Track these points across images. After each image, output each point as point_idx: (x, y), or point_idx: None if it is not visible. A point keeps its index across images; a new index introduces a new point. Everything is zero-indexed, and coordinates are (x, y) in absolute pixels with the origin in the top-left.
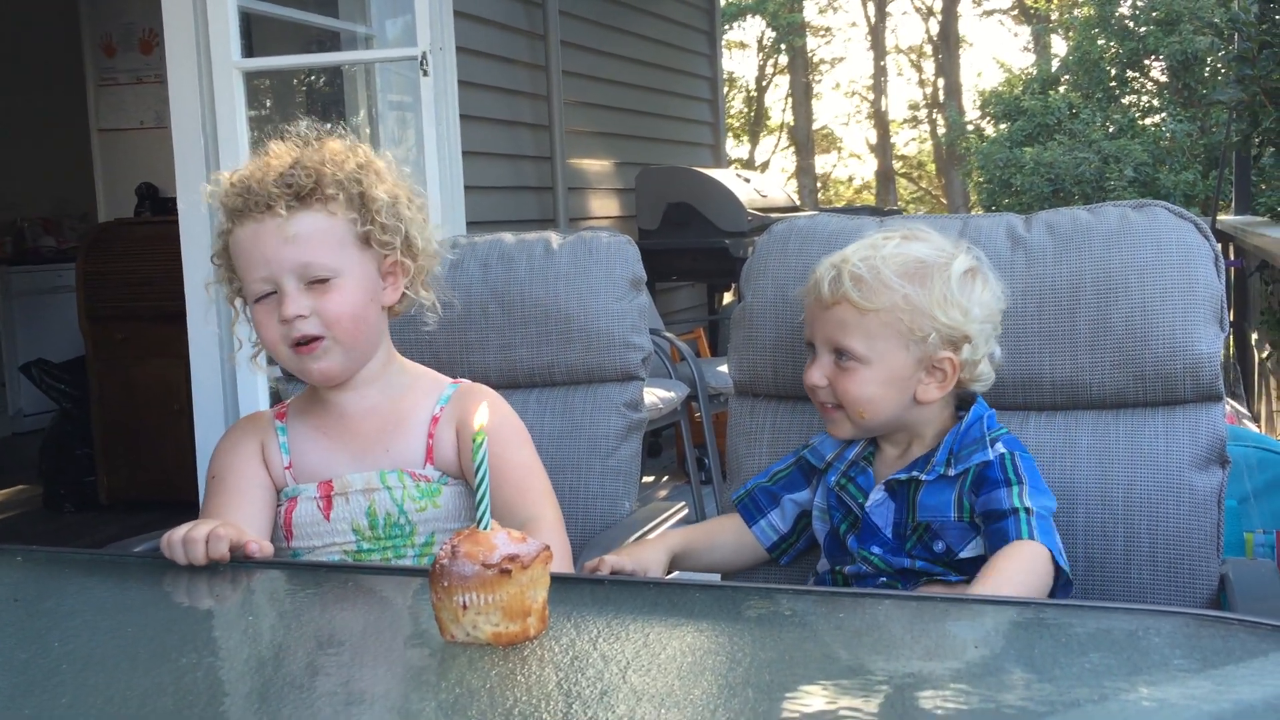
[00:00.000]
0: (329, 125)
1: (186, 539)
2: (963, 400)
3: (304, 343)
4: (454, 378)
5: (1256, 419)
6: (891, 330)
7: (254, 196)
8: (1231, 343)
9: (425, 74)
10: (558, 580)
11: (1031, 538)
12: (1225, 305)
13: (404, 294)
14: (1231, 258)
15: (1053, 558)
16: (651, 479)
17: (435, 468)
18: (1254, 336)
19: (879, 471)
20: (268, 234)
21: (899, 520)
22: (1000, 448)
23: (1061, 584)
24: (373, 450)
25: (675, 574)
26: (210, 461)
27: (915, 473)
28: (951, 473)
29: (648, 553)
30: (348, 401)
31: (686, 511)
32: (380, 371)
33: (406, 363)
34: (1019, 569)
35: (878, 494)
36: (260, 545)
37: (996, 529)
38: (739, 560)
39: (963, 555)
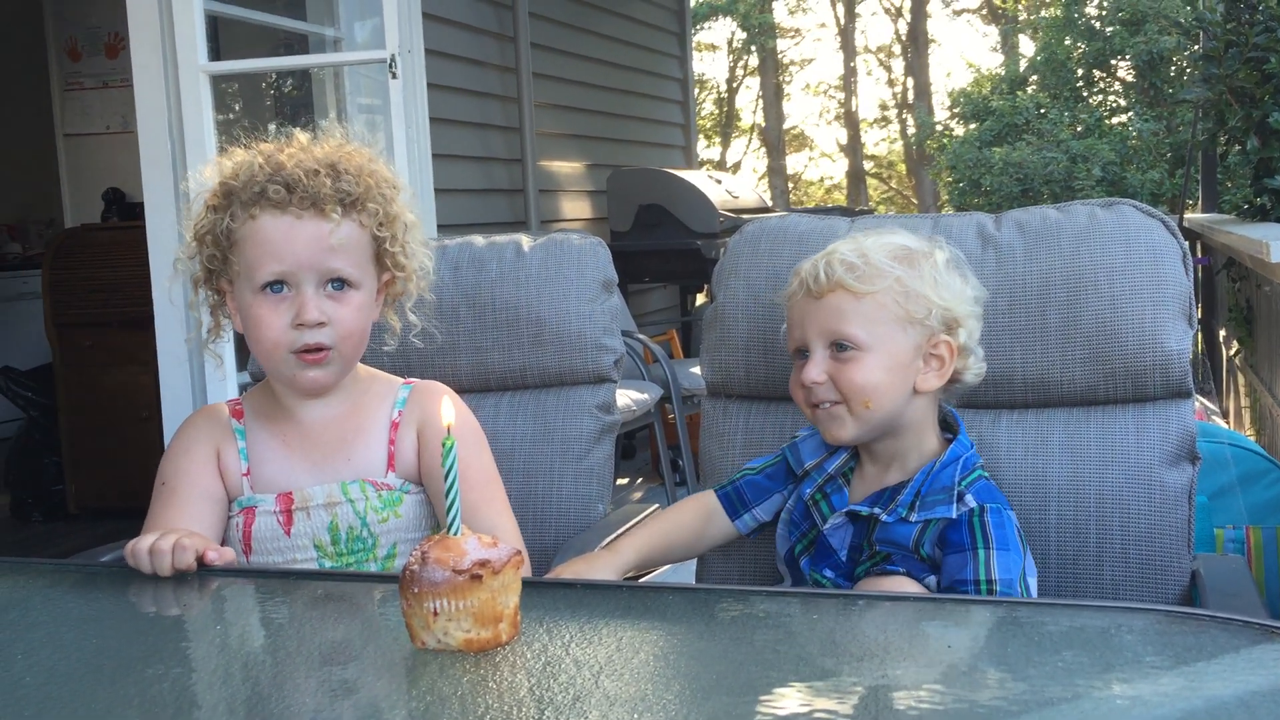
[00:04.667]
0: (311, 126)
1: (153, 550)
2: (948, 424)
3: (311, 350)
4: (406, 379)
5: (1225, 415)
6: (889, 314)
7: (301, 191)
8: (1200, 340)
9: (394, 76)
10: (529, 585)
11: None
12: (1193, 302)
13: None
14: (1199, 255)
15: None
16: (626, 481)
17: (397, 475)
18: (1222, 333)
19: (856, 489)
20: (306, 233)
21: (855, 544)
22: (970, 502)
23: None
24: (334, 460)
25: (648, 576)
26: (162, 463)
27: (877, 510)
28: (913, 519)
29: (596, 574)
30: (310, 410)
31: None
32: (345, 382)
33: (359, 365)
34: None
35: (837, 518)
36: (220, 553)
37: None
38: (696, 553)
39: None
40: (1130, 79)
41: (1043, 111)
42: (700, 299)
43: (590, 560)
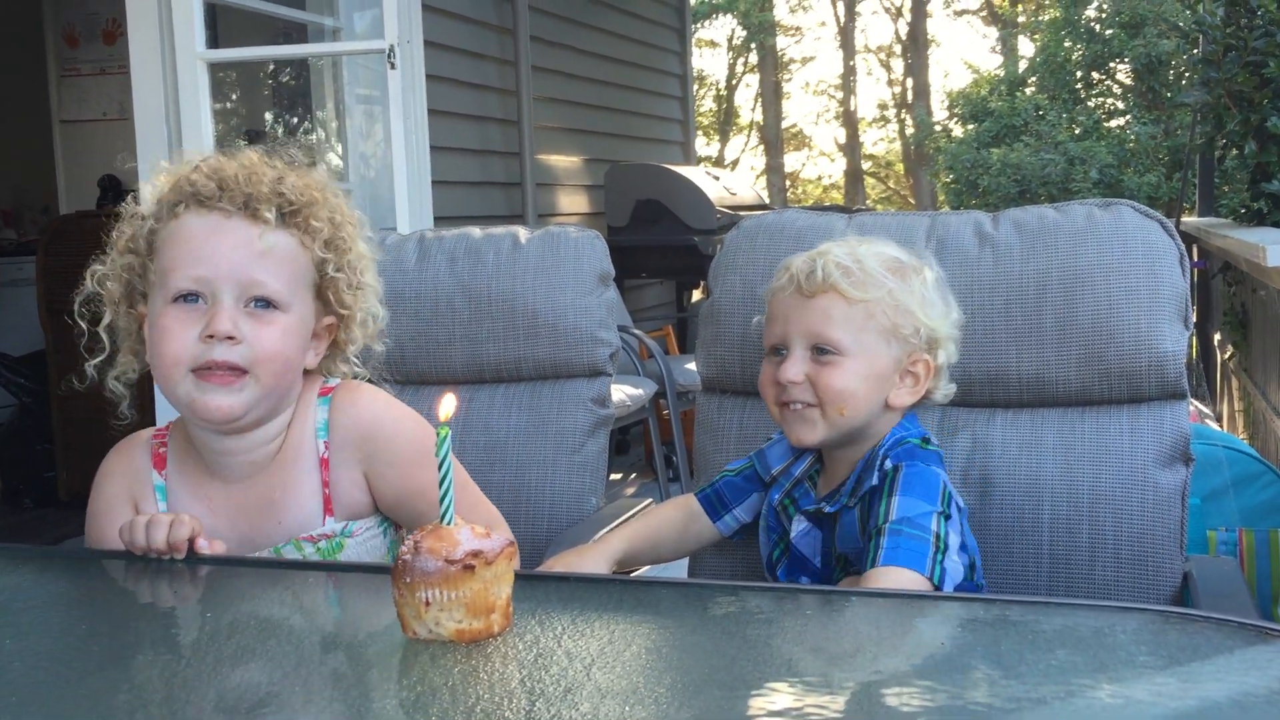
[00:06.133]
0: (300, 127)
1: (151, 521)
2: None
3: (217, 370)
4: (324, 387)
5: (1219, 420)
6: (876, 324)
7: (233, 190)
8: (1195, 344)
9: (393, 67)
10: (521, 577)
11: (874, 564)
12: (1189, 303)
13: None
14: (1195, 259)
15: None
16: (619, 476)
17: (336, 519)
18: (1217, 337)
19: (821, 492)
20: (232, 233)
21: (826, 549)
22: (887, 466)
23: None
24: (264, 525)
25: (640, 571)
26: (86, 521)
27: (823, 505)
28: (852, 503)
29: (587, 565)
30: (229, 462)
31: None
32: (269, 431)
33: None
34: None
35: (800, 523)
36: (211, 543)
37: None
38: (683, 551)
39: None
40: (1129, 82)
41: (1041, 113)
42: (697, 295)
43: (581, 553)
